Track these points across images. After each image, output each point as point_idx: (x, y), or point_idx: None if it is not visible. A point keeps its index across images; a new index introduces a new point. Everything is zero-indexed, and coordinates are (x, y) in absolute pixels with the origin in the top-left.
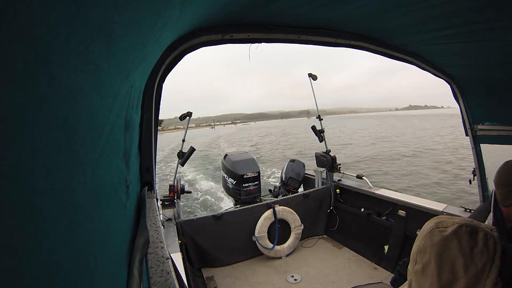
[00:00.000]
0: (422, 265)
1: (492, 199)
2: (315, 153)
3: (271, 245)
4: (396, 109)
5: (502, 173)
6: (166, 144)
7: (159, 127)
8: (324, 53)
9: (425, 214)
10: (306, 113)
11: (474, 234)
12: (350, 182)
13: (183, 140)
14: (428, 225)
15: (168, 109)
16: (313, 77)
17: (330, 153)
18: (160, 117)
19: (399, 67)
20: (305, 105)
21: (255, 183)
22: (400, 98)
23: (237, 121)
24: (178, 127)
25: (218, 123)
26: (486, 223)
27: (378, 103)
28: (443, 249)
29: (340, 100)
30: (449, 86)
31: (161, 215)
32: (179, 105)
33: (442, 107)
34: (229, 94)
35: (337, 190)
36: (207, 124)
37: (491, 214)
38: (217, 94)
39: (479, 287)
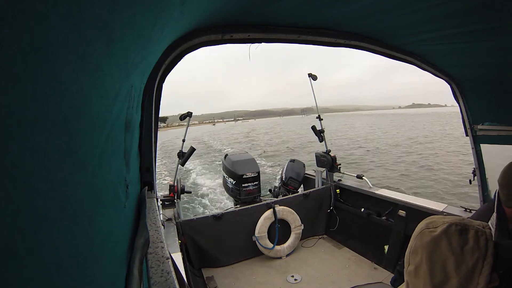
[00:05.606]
0: (414, 266)
1: (496, 199)
2: (315, 153)
3: (271, 245)
4: (400, 107)
5: (507, 173)
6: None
7: (163, 124)
8: (329, 51)
9: (425, 214)
10: (303, 112)
11: (465, 233)
12: (350, 182)
13: (183, 140)
14: (419, 226)
15: (173, 106)
16: (313, 77)
17: (330, 153)
18: (165, 114)
19: (402, 64)
20: (308, 102)
21: (254, 183)
22: (404, 96)
23: (238, 118)
24: (182, 124)
25: (221, 120)
26: (489, 223)
27: (382, 101)
28: (433, 249)
29: (343, 98)
30: (449, 86)
31: (161, 215)
32: (185, 102)
33: (446, 105)
34: (233, 91)
35: (337, 190)
36: (210, 121)
37: (495, 214)
38: (222, 91)
39: (473, 284)
